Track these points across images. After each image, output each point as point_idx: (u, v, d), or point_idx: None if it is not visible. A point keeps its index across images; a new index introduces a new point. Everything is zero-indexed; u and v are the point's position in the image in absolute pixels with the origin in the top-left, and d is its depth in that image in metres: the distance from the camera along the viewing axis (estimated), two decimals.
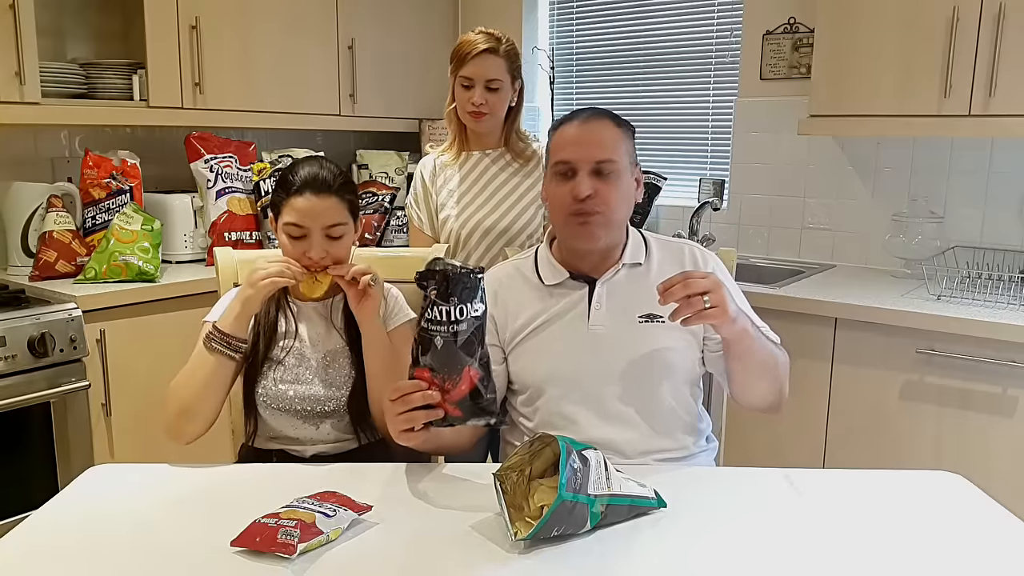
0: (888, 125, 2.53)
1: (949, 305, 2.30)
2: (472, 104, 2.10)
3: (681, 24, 3.28)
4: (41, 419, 2.20)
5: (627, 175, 1.54)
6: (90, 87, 2.64)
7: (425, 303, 1.25)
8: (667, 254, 1.61)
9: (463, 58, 2.10)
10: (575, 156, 1.50)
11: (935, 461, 2.25)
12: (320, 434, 1.59)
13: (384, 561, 1.12)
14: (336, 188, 1.54)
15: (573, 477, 1.13)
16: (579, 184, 1.48)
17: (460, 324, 1.24)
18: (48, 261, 2.47)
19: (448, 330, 1.24)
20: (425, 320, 1.25)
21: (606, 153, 1.50)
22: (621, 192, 1.52)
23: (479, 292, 1.26)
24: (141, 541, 1.16)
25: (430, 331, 1.25)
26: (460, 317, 1.24)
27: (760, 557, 1.13)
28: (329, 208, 1.53)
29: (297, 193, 1.52)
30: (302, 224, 1.52)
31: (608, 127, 1.53)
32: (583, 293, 1.56)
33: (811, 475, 1.43)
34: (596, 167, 1.49)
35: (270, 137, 3.35)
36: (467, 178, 2.19)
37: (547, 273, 1.59)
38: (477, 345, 1.27)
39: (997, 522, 1.26)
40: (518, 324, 1.57)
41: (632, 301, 1.54)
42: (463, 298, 1.24)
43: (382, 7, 3.33)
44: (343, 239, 1.56)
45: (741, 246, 3.15)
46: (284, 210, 1.54)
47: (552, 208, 1.56)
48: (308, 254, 1.53)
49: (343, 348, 1.60)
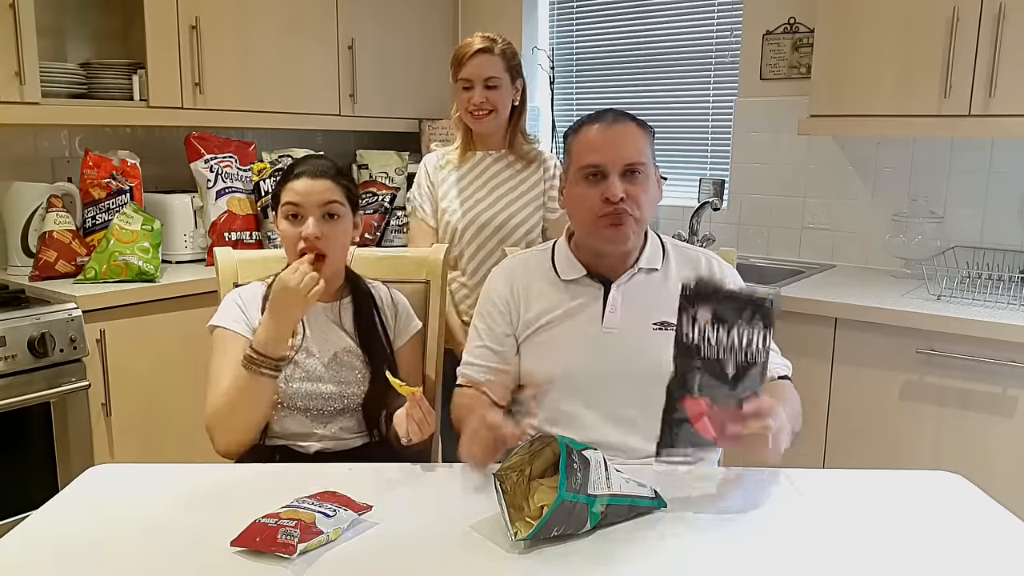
0: (888, 125, 2.53)
1: (949, 305, 2.30)
2: (472, 104, 2.13)
3: (681, 24, 3.28)
4: (41, 419, 2.19)
5: (652, 179, 1.53)
6: (90, 87, 2.64)
7: (712, 323, 1.16)
8: (684, 262, 1.61)
9: (460, 60, 2.14)
10: (605, 159, 1.48)
11: (935, 461, 2.25)
12: (327, 431, 1.60)
13: (384, 561, 1.11)
14: (333, 174, 1.60)
15: (573, 477, 1.13)
16: (612, 186, 1.47)
17: (762, 353, 1.18)
18: (48, 261, 2.47)
19: (747, 355, 1.17)
20: (709, 345, 1.17)
21: (635, 155, 1.49)
22: (649, 194, 1.52)
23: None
24: (141, 541, 1.16)
25: (721, 356, 1.17)
26: (763, 345, 1.18)
27: (760, 557, 1.13)
28: (326, 189, 1.58)
29: (295, 178, 1.59)
30: (299, 202, 1.56)
31: (634, 129, 1.52)
32: (598, 293, 1.55)
33: (811, 475, 1.43)
34: (626, 169, 1.48)
35: (270, 137, 3.35)
36: (468, 175, 2.21)
37: (564, 268, 1.59)
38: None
39: (997, 522, 1.25)
40: (531, 315, 1.57)
41: (647, 307, 1.54)
42: (766, 324, 1.18)
43: (382, 7, 3.33)
44: (340, 221, 1.59)
45: (741, 246, 3.15)
46: (283, 195, 1.59)
47: (578, 211, 1.54)
48: (303, 233, 1.55)
49: (352, 348, 1.63)
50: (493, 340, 1.59)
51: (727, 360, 1.17)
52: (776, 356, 1.55)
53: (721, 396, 1.18)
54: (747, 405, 1.19)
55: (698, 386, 1.18)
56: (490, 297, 1.62)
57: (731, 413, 1.17)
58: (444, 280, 1.90)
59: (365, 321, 1.65)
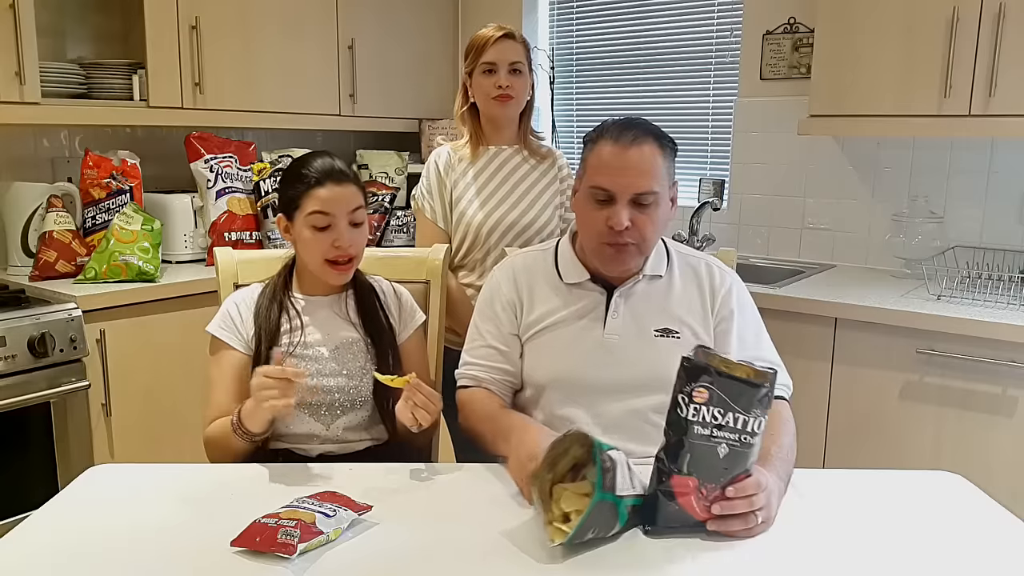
0: (888, 125, 2.53)
1: (949, 305, 2.30)
2: (497, 88, 2.06)
3: (681, 24, 3.28)
4: (41, 419, 2.19)
5: (664, 201, 1.48)
6: (90, 87, 2.64)
7: (708, 403, 1.14)
8: (686, 268, 1.58)
9: (482, 47, 2.08)
10: (614, 185, 1.43)
11: (935, 461, 2.25)
12: (331, 433, 1.59)
13: (384, 561, 1.11)
14: (352, 177, 1.59)
15: (607, 476, 1.10)
16: (617, 215, 1.43)
17: (756, 437, 1.16)
18: (48, 261, 2.47)
19: (741, 440, 1.15)
20: (701, 425, 1.14)
21: (646, 185, 1.43)
22: (658, 222, 1.48)
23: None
24: (141, 541, 1.16)
25: (711, 438, 1.14)
26: (758, 430, 1.16)
27: (760, 557, 1.13)
28: (351, 195, 1.57)
29: (318, 184, 1.54)
30: (329, 211, 1.54)
31: (652, 152, 1.45)
32: (601, 298, 1.54)
33: (811, 475, 1.43)
34: (635, 198, 1.44)
35: (270, 137, 3.35)
36: (485, 171, 2.13)
37: (567, 271, 1.57)
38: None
39: (997, 522, 1.26)
40: (533, 317, 1.56)
41: (650, 314, 1.53)
42: (763, 409, 1.16)
43: (382, 7, 3.33)
44: (363, 227, 1.59)
45: (741, 246, 3.15)
46: (306, 202, 1.55)
47: (584, 226, 1.52)
48: (336, 243, 1.54)
49: (356, 339, 1.61)
50: (500, 340, 1.58)
51: (719, 442, 1.15)
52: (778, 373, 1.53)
53: (710, 476, 1.15)
54: (733, 488, 1.16)
55: (687, 464, 1.15)
56: (495, 297, 1.60)
57: (718, 495, 1.16)
58: (444, 280, 1.90)
59: (369, 311, 1.64)
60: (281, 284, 1.62)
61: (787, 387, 1.52)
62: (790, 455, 1.38)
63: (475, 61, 2.09)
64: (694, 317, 1.53)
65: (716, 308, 1.54)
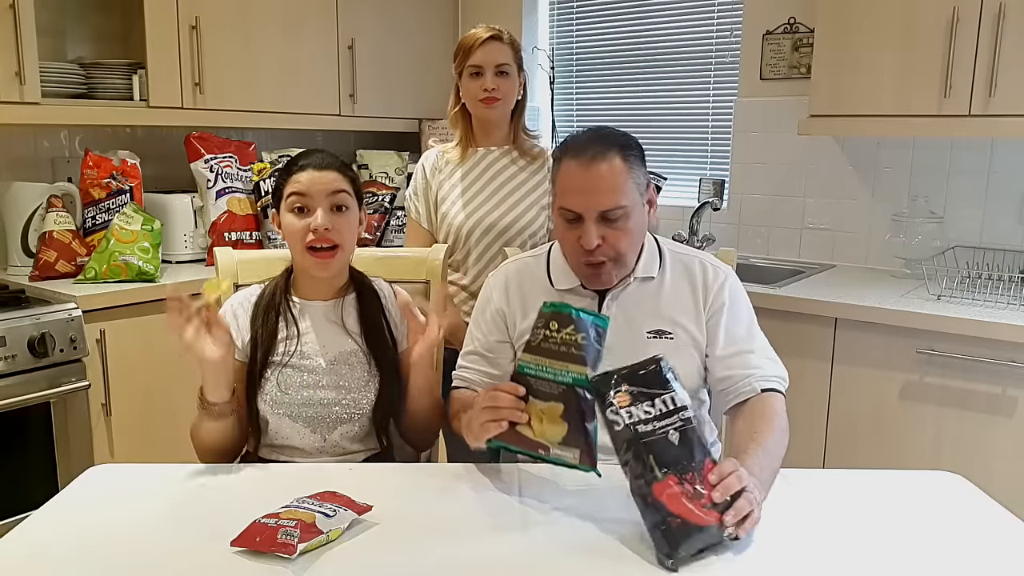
0: (888, 125, 2.53)
1: (949, 305, 2.30)
2: (484, 90, 2.07)
3: (681, 24, 3.28)
4: (41, 419, 2.19)
5: (637, 209, 1.46)
6: (90, 87, 2.64)
7: (630, 406, 1.16)
8: (680, 267, 1.57)
9: (469, 49, 2.08)
10: (579, 206, 1.42)
11: (935, 461, 2.25)
12: (327, 446, 1.55)
13: (384, 561, 1.11)
14: (338, 165, 1.55)
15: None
16: (587, 234, 1.42)
17: (688, 410, 1.17)
18: (48, 261, 2.47)
19: (680, 418, 1.16)
20: (642, 423, 1.15)
21: (613, 200, 1.42)
22: (632, 233, 1.46)
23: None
24: (141, 541, 1.16)
25: (657, 431, 1.15)
26: (686, 401, 1.18)
27: (760, 557, 1.13)
28: (334, 179, 1.52)
29: (300, 169, 1.53)
30: (306, 192, 1.50)
31: (614, 166, 1.42)
32: (592, 303, 1.54)
33: (811, 475, 1.43)
34: (603, 214, 1.43)
35: (270, 137, 3.35)
36: (471, 173, 2.15)
37: (559, 277, 1.57)
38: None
39: (997, 522, 1.26)
40: (526, 324, 1.55)
41: (642, 316, 1.52)
42: (674, 376, 1.19)
43: (382, 7, 3.33)
44: (348, 214, 1.54)
45: (741, 246, 3.15)
46: (287, 188, 1.53)
47: (562, 246, 1.53)
48: (311, 225, 1.49)
49: (355, 351, 1.56)
50: (485, 347, 1.59)
51: (666, 430, 1.15)
52: (770, 365, 1.51)
53: (680, 467, 1.14)
54: (713, 474, 1.15)
55: (656, 466, 1.13)
56: (486, 305, 1.62)
57: (702, 483, 1.14)
58: (444, 280, 1.90)
59: (370, 322, 1.58)
60: (282, 286, 1.59)
61: (781, 379, 1.51)
62: (775, 450, 1.37)
63: (462, 64, 2.10)
64: (687, 316, 1.53)
65: (708, 304, 1.54)
